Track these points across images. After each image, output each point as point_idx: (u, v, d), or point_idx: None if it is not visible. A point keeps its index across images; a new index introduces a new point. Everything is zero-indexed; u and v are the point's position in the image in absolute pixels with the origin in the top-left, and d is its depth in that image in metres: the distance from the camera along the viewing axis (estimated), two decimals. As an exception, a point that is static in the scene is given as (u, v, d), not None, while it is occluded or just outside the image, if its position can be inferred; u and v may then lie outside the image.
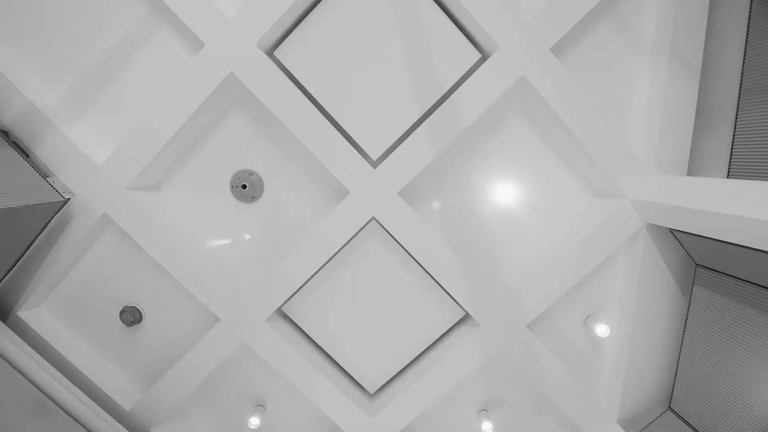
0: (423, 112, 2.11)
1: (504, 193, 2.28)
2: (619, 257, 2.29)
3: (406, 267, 2.32)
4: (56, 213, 2.06)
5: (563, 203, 2.28)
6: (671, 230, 2.12)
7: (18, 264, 2.14)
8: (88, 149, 2.14)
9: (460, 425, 2.65)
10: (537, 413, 2.60)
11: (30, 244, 2.05)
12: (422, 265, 2.21)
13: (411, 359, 2.51)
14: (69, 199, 2.10)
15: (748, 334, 1.83)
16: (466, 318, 2.41)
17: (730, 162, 2.03)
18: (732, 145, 2.00)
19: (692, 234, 1.91)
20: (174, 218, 2.25)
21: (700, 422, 2.06)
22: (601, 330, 2.24)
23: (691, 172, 2.19)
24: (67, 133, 2.10)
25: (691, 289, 2.16)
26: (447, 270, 2.21)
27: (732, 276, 1.93)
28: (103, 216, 2.15)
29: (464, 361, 2.33)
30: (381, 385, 2.56)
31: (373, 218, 2.17)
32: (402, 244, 2.18)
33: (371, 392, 2.58)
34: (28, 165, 2.00)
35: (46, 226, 2.04)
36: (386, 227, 2.16)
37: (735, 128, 1.98)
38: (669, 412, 2.31)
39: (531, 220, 2.31)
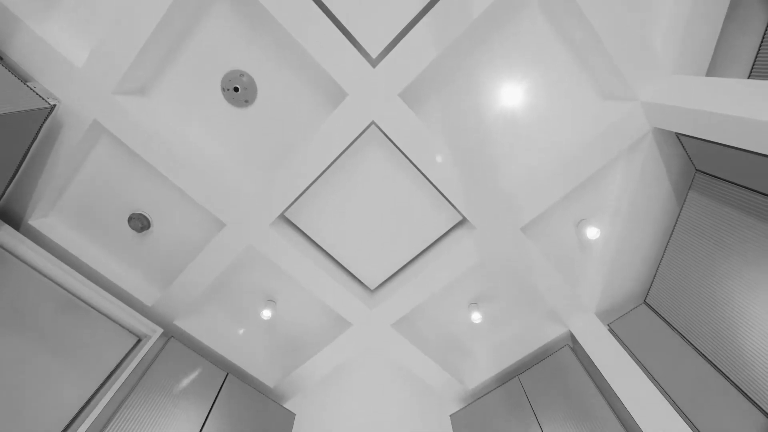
0: (426, 2, 1.90)
1: (511, 96, 2.17)
2: (618, 163, 2.29)
3: (405, 173, 2.34)
4: (45, 120, 1.99)
5: (571, 107, 2.19)
6: (678, 135, 2.07)
7: (18, 175, 2.15)
8: (65, 50, 1.98)
9: (451, 316, 2.95)
10: (522, 306, 2.86)
11: (25, 154, 2.02)
12: (422, 171, 2.21)
13: (408, 260, 2.68)
14: (55, 105, 2.01)
15: (734, 238, 1.91)
16: (463, 222, 2.51)
17: (753, 63, 1.90)
18: (760, 44, 1.85)
19: (699, 139, 1.87)
20: (167, 124, 2.18)
21: (672, 316, 2.26)
22: (592, 233, 2.35)
23: (710, 72, 2.06)
24: (41, 33, 1.92)
25: (686, 195, 2.19)
26: (446, 176, 2.22)
27: (730, 182, 1.95)
28: (94, 123, 2.08)
29: (459, 261, 2.50)
30: (380, 282, 2.78)
31: (373, 123, 2.10)
32: (402, 149, 2.15)
33: (371, 288, 2.82)
34: (5, 69, 1.87)
35: (37, 134, 2.00)
36: (386, 132, 2.11)
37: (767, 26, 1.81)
38: (643, 305, 2.52)
39: (536, 125, 2.24)
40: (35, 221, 2.34)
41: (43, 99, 1.95)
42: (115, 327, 2.45)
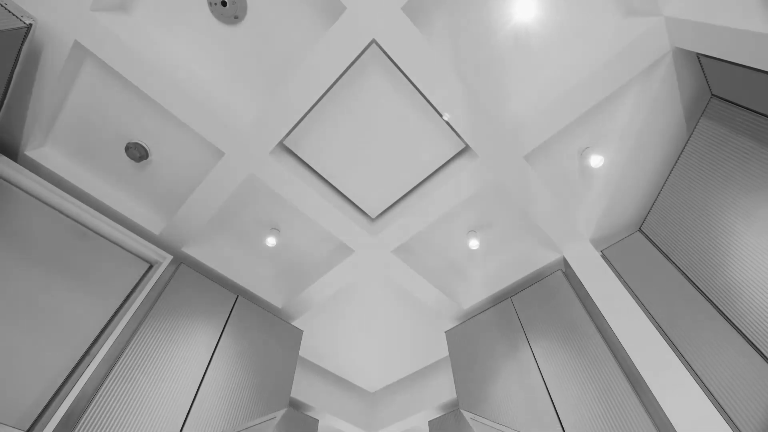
0: None
1: (524, 9, 1.99)
2: (632, 87, 2.18)
3: (407, 97, 2.24)
4: (24, 41, 1.86)
5: (590, 23, 2.02)
6: (698, 56, 1.94)
7: (6, 103, 2.07)
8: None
9: (450, 242, 3.05)
10: (519, 233, 2.94)
11: (9, 79, 1.93)
12: (424, 94, 2.12)
13: (409, 189, 2.69)
14: (31, 24, 1.87)
15: (740, 167, 1.89)
16: (465, 150, 2.47)
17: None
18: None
19: (721, 60, 1.75)
20: (152, 44, 2.04)
21: (666, 244, 2.32)
22: (596, 161, 2.33)
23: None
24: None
25: (698, 122, 2.12)
26: (450, 100, 2.13)
27: (746, 108, 1.87)
28: (76, 44, 1.95)
29: (459, 190, 2.51)
30: (381, 211, 2.83)
31: (374, 41, 1.96)
32: (404, 71, 2.04)
33: (373, 217, 2.88)
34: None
35: (18, 55, 1.88)
36: (388, 52, 1.97)
37: None
38: (638, 233, 2.58)
39: (548, 44, 2.09)
40: (31, 152, 2.30)
41: (17, 18, 1.80)
42: (125, 254, 2.54)
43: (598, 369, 2.16)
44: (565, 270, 2.83)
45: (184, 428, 2.10)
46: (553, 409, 2.23)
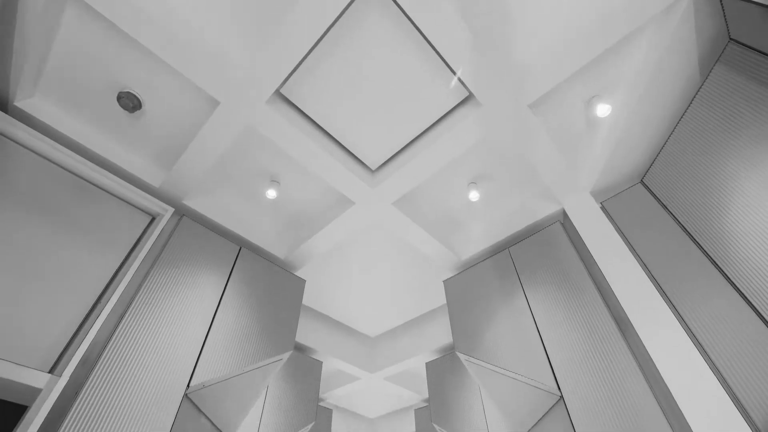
0: None
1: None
2: (646, 31, 2.06)
3: (409, 41, 2.13)
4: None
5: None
6: (721, -6, 1.82)
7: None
8: None
9: (450, 194, 3.06)
10: (519, 184, 2.94)
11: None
12: (427, 38, 2.01)
13: (411, 139, 2.64)
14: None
15: (753, 118, 1.83)
16: (469, 98, 2.39)
17: None
18: None
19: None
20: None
21: (666, 197, 2.32)
22: (603, 110, 2.26)
23: None
24: None
25: (712, 67, 2.03)
26: (454, 44, 2.02)
27: (764, 54, 1.78)
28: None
29: (461, 140, 2.47)
30: (382, 162, 2.80)
31: (372, -22, 1.83)
32: (406, 11, 1.91)
33: (373, 169, 2.85)
34: None
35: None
36: (387, -10, 1.84)
37: None
38: (639, 185, 2.57)
39: (559, -18, 1.95)
40: (21, 102, 2.23)
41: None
42: (126, 207, 2.55)
43: (588, 314, 2.26)
44: (564, 222, 2.86)
45: (196, 369, 2.24)
46: (543, 350, 2.36)
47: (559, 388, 2.17)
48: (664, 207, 2.31)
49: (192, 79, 2.15)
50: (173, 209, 2.73)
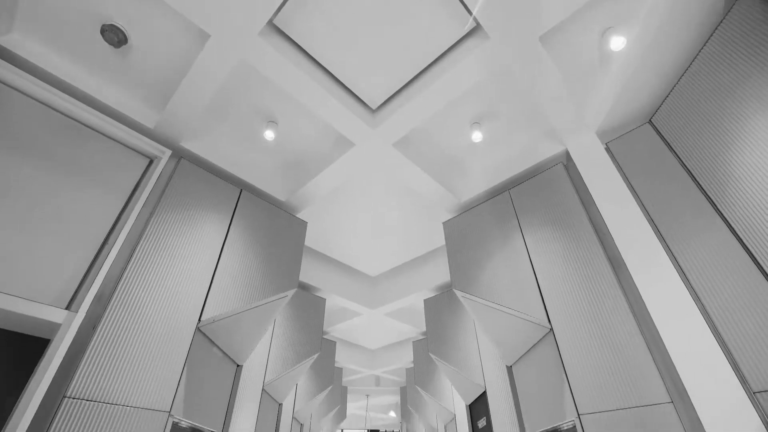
0: None
1: None
2: (673, -50, 1.87)
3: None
4: None
5: None
6: None
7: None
8: None
9: (452, 135, 2.99)
10: (523, 124, 2.86)
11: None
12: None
13: (413, 75, 2.52)
14: None
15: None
16: (476, 29, 2.24)
17: None
18: None
19: None
20: None
21: (673, 138, 2.26)
22: (617, 43, 2.13)
23: None
24: None
25: (734, 2, 1.87)
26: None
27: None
28: None
29: (466, 75, 2.35)
30: (383, 101, 2.70)
31: None
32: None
33: (373, 108, 2.76)
34: None
35: None
36: None
37: None
38: (647, 125, 2.50)
39: None
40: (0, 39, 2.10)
41: None
42: (122, 149, 2.51)
43: (584, 254, 2.32)
44: (566, 163, 2.82)
45: (206, 305, 2.35)
46: (537, 287, 2.46)
47: (549, 322, 2.30)
48: (670, 148, 2.26)
49: (178, 9, 1.99)
50: (170, 151, 2.68)
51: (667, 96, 2.30)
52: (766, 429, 1.43)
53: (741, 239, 1.75)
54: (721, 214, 1.87)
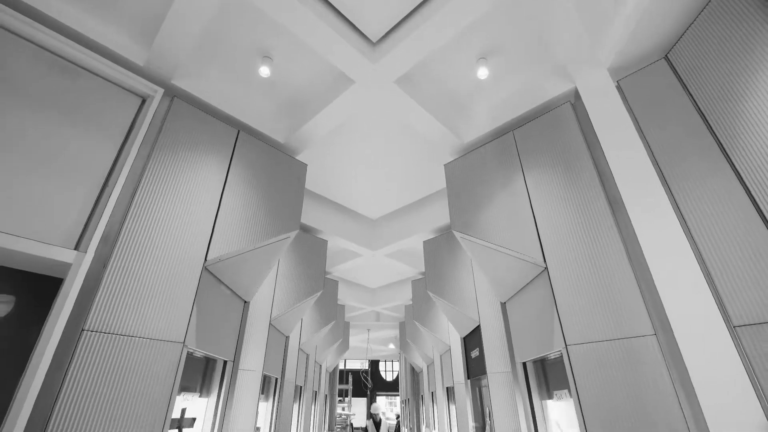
0: None
1: None
2: None
3: None
4: None
5: None
6: None
7: None
8: None
9: (456, 72, 2.85)
10: (532, 59, 2.72)
11: None
12: None
13: (416, 4, 2.34)
14: None
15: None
16: (485, -50, 2.04)
17: None
18: None
19: None
20: None
21: (689, 77, 2.15)
22: (639, -34, 1.94)
23: None
24: None
25: None
26: None
27: None
28: None
29: (474, 2, 2.18)
30: (384, 33, 2.54)
31: None
32: None
33: (374, 41, 2.60)
34: None
35: None
36: None
37: None
38: (663, 60, 2.38)
39: None
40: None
41: None
42: (115, 89, 2.41)
43: (584, 195, 2.33)
44: (574, 102, 2.72)
45: (211, 245, 2.40)
46: (534, 228, 2.50)
47: (545, 261, 2.37)
48: (684, 87, 2.17)
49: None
50: (162, 90, 2.58)
51: (685, 31, 2.16)
52: (741, 360, 1.54)
53: (746, 185, 1.74)
54: (729, 158, 1.83)
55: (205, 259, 2.35)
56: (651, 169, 2.04)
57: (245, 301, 3.01)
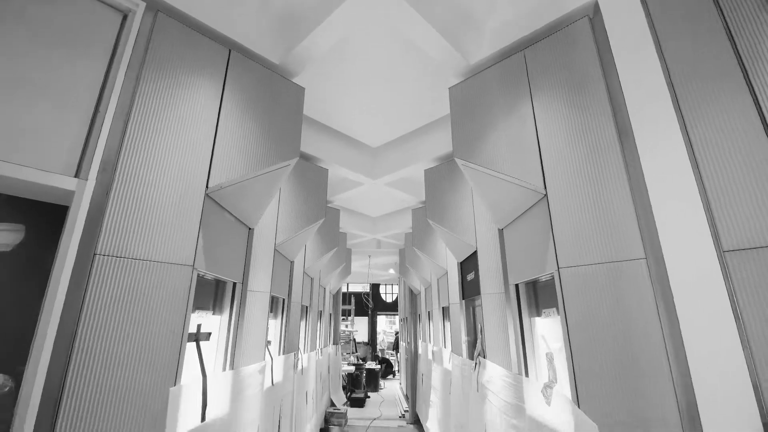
0: None
1: None
2: None
3: None
4: None
5: None
6: None
7: None
8: None
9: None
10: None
11: None
12: None
13: None
14: None
15: None
16: None
17: None
18: None
19: None
20: None
21: None
22: None
23: None
24: None
25: None
26: None
27: None
28: None
29: None
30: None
31: None
32: None
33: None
34: None
35: None
36: None
37: None
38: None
39: None
40: None
41: None
42: (93, 4, 2.20)
43: (592, 122, 2.25)
44: (593, 17, 2.50)
45: (211, 172, 2.39)
46: (538, 155, 2.47)
47: (545, 188, 2.38)
48: (716, 4, 1.96)
49: None
50: (144, 3, 2.36)
51: (730, -75, 1.89)
52: (724, 284, 1.61)
53: (764, 116, 1.67)
54: (751, 87, 1.73)
55: (207, 187, 2.36)
56: (666, 91, 1.94)
57: (250, 228, 3.09)
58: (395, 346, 16.84)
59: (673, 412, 1.69)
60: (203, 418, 2.21)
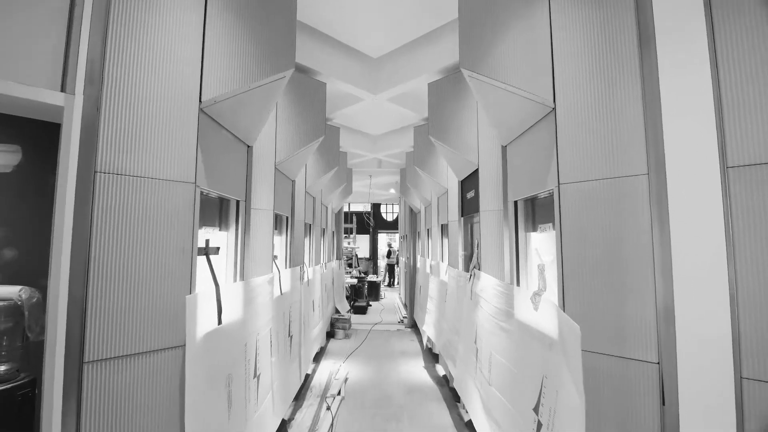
0: None
1: None
2: None
3: None
4: None
5: None
6: None
7: None
8: None
9: None
10: None
11: None
12: None
13: None
14: None
15: None
16: None
17: None
18: None
19: None
20: None
21: None
22: None
23: None
24: None
25: None
26: None
27: None
28: None
29: None
30: None
31: None
32: None
33: None
34: None
35: None
36: None
37: None
38: None
39: None
40: None
41: None
42: None
43: (612, 31, 2.06)
44: None
45: (203, 85, 2.27)
46: (550, 66, 2.32)
47: (554, 102, 2.28)
48: None
49: None
50: None
51: None
52: (721, 200, 1.63)
53: None
54: None
55: (200, 101, 2.26)
56: (702, 28, 1.75)
57: (248, 146, 3.04)
58: (388, 255, 17.99)
59: (651, 310, 1.83)
60: (220, 322, 2.42)
